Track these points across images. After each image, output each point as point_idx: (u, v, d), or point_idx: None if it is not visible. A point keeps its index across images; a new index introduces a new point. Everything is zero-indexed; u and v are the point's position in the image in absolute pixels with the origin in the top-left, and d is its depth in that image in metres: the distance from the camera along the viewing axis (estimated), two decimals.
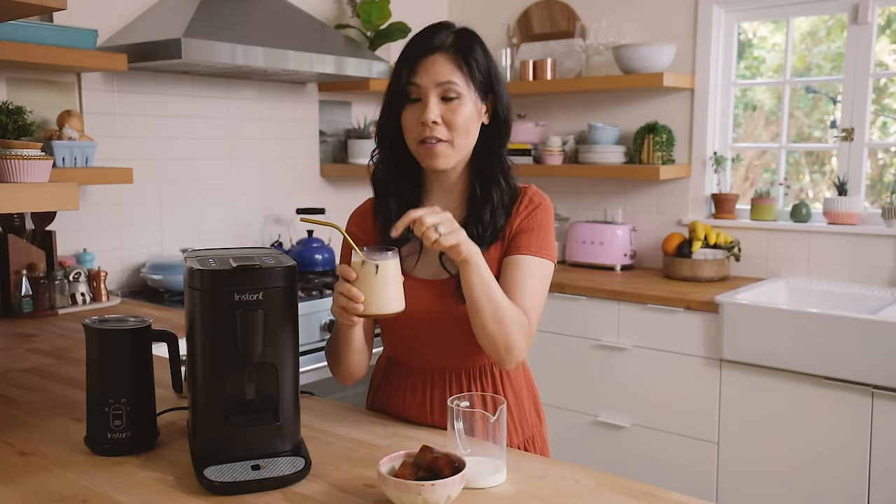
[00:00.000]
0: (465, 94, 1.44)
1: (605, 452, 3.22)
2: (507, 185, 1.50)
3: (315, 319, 2.82)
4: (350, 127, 3.70)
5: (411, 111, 1.45)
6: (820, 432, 2.72)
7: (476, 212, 1.49)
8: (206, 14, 2.73)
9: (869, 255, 3.12)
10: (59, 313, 2.58)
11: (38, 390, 1.74)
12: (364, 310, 1.28)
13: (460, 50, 1.45)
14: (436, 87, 1.42)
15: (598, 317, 3.21)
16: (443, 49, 1.44)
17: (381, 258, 1.29)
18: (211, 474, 1.21)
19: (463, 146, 1.46)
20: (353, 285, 1.28)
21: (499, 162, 1.51)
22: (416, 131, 1.44)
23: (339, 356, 1.49)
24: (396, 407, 1.57)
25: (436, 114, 1.42)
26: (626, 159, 3.59)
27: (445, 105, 1.43)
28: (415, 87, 1.44)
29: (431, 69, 1.43)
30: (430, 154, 1.44)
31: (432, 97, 1.43)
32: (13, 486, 1.22)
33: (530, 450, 1.58)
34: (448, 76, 1.42)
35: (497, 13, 3.98)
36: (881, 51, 3.26)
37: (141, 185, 2.96)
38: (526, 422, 1.58)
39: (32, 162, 1.41)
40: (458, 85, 1.43)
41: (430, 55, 1.43)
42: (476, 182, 1.51)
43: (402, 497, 1.10)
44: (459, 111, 1.43)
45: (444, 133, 1.43)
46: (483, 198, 1.49)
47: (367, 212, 1.59)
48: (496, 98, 1.49)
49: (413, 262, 1.51)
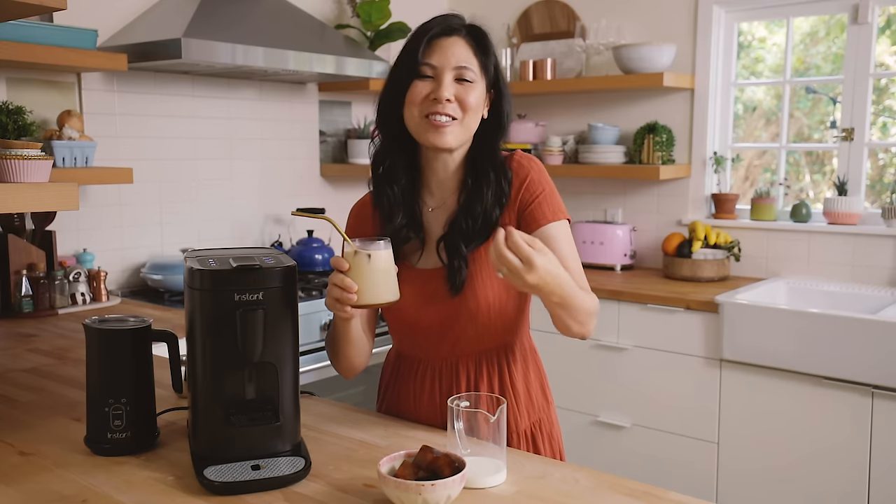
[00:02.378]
0: (477, 82, 1.46)
1: (605, 452, 3.22)
2: (496, 175, 1.50)
3: (315, 319, 2.82)
4: (350, 127, 3.70)
5: (420, 86, 1.44)
6: (820, 432, 2.72)
7: (467, 205, 1.49)
8: (206, 14, 2.73)
9: (869, 255, 3.12)
10: (59, 313, 2.58)
11: (38, 390, 1.74)
12: (358, 300, 1.29)
13: (476, 37, 1.48)
14: (452, 69, 1.44)
15: (599, 317, 3.18)
16: (461, 33, 1.46)
17: (373, 248, 1.29)
18: (211, 474, 1.21)
19: (470, 128, 1.47)
20: (346, 276, 1.29)
21: (494, 157, 1.51)
22: (424, 105, 1.44)
23: (338, 350, 1.49)
24: (407, 401, 1.57)
25: (450, 92, 1.43)
26: (626, 159, 3.59)
27: (459, 85, 1.44)
28: (428, 67, 1.44)
29: (449, 51, 1.44)
30: (438, 131, 1.44)
31: (447, 77, 1.43)
32: (13, 486, 1.22)
33: (538, 434, 1.58)
34: (465, 60, 1.44)
35: (497, 13, 3.98)
36: (881, 51, 3.26)
37: (141, 185, 2.96)
38: (533, 406, 1.58)
39: (32, 162, 1.41)
40: (472, 70, 1.45)
41: (448, 36, 1.45)
42: (469, 175, 1.51)
43: (402, 497, 1.10)
44: (472, 92, 1.45)
45: (455, 111, 1.44)
46: (475, 191, 1.49)
47: (367, 205, 1.59)
48: (499, 94, 1.51)
49: (417, 257, 1.52)
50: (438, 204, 1.54)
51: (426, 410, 1.54)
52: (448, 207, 1.53)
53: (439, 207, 1.54)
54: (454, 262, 1.46)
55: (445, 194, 1.54)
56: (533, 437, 1.57)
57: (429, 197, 1.55)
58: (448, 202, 1.53)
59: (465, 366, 1.53)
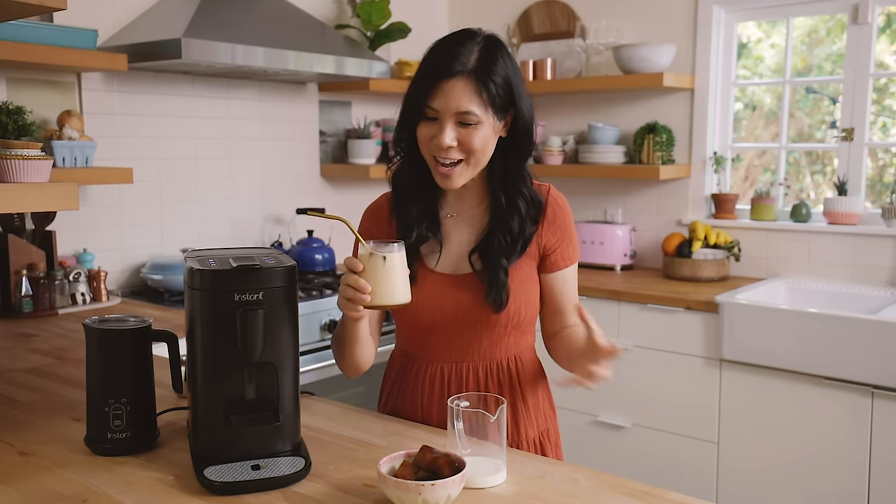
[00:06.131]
0: (483, 121, 1.43)
1: (605, 452, 3.22)
2: (530, 195, 1.53)
3: (315, 319, 2.82)
4: (350, 127, 3.70)
5: (427, 127, 1.45)
6: (820, 432, 2.72)
7: (503, 222, 1.51)
8: (206, 14, 2.72)
9: (869, 255, 3.12)
10: (59, 313, 2.58)
11: (38, 390, 1.74)
12: (371, 300, 1.30)
13: (481, 74, 1.41)
14: (454, 114, 1.42)
15: (599, 317, 3.18)
16: (463, 73, 1.41)
17: (387, 250, 1.31)
18: (211, 474, 1.21)
19: (479, 163, 1.47)
20: (359, 277, 1.30)
21: (521, 173, 1.52)
22: (430, 147, 1.45)
23: (345, 349, 1.50)
24: (413, 402, 1.57)
25: (451, 137, 1.42)
26: (626, 159, 3.59)
27: (462, 129, 1.42)
28: (431, 110, 1.43)
29: (450, 95, 1.40)
30: (444, 176, 1.46)
31: (448, 123, 1.42)
32: (13, 486, 1.22)
33: (546, 443, 1.60)
34: (466, 106, 1.40)
35: (497, 13, 3.98)
36: (881, 51, 3.26)
37: (141, 185, 2.96)
38: (541, 414, 1.60)
39: (32, 162, 1.41)
40: (475, 114, 1.41)
41: (449, 79, 1.41)
42: (500, 191, 1.52)
43: (402, 497, 1.10)
44: (476, 135, 1.43)
45: (458, 154, 1.44)
46: (509, 208, 1.51)
47: (382, 207, 1.60)
48: (517, 112, 1.48)
49: (435, 259, 1.54)
50: (457, 211, 1.56)
51: (428, 413, 1.55)
52: (468, 217, 1.56)
53: (458, 215, 1.56)
54: (498, 277, 1.48)
55: (465, 205, 1.56)
56: (541, 446, 1.59)
57: (446, 204, 1.57)
58: (468, 212, 1.56)
59: (475, 372, 1.54)
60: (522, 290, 1.51)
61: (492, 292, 1.47)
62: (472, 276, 1.51)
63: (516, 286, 1.50)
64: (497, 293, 1.47)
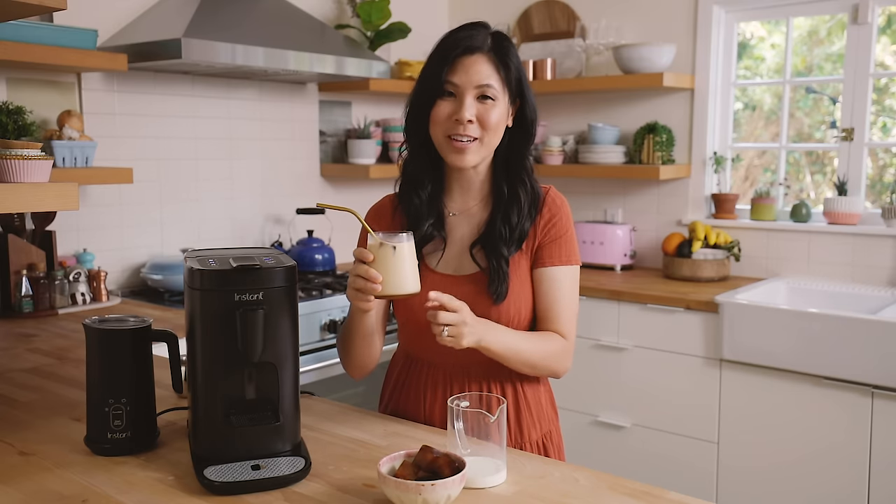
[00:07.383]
0: (499, 98, 1.47)
1: (605, 452, 3.22)
2: (531, 187, 1.55)
3: (315, 319, 2.82)
4: (350, 127, 3.70)
5: (443, 105, 1.47)
6: (820, 432, 2.72)
7: (504, 212, 1.52)
8: (206, 14, 2.72)
9: (869, 255, 3.12)
10: (59, 313, 2.58)
11: (38, 390, 1.74)
12: (382, 290, 1.31)
13: (499, 52, 1.48)
14: (474, 88, 1.46)
15: (599, 317, 3.21)
16: (483, 50, 1.47)
17: (397, 240, 1.32)
18: (211, 474, 1.21)
19: (491, 144, 1.50)
20: (370, 267, 1.30)
21: (524, 164, 1.55)
22: (447, 126, 1.47)
23: (352, 345, 1.51)
24: (416, 403, 1.57)
25: (471, 112, 1.45)
26: (626, 159, 3.59)
27: (480, 104, 1.47)
28: (451, 85, 1.46)
29: (472, 69, 1.46)
30: (459, 151, 1.47)
31: (468, 97, 1.46)
32: (13, 486, 1.22)
33: (549, 445, 1.60)
34: (487, 79, 1.46)
35: (497, 13, 3.98)
36: (881, 51, 3.26)
37: (141, 185, 2.96)
38: (544, 417, 1.60)
39: (32, 162, 1.41)
40: (494, 88, 1.46)
41: (470, 55, 1.46)
42: (503, 182, 1.54)
43: (402, 497, 1.10)
44: (493, 111, 1.47)
45: (476, 131, 1.47)
46: (511, 199, 1.53)
47: (385, 208, 1.62)
48: (524, 102, 1.53)
49: (436, 259, 1.55)
50: (461, 210, 1.57)
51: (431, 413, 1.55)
52: (471, 214, 1.57)
53: (462, 214, 1.57)
54: (501, 267, 1.49)
55: (469, 202, 1.57)
56: (544, 448, 1.59)
57: (451, 202, 1.58)
58: (472, 209, 1.57)
59: (477, 374, 1.54)
60: (522, 290, 1.51)
61: (494, 282, 1.48)
62: (472, 277, 1.51)
63: (517, 286, 1.51)
64: (499, 284, 1.48)
